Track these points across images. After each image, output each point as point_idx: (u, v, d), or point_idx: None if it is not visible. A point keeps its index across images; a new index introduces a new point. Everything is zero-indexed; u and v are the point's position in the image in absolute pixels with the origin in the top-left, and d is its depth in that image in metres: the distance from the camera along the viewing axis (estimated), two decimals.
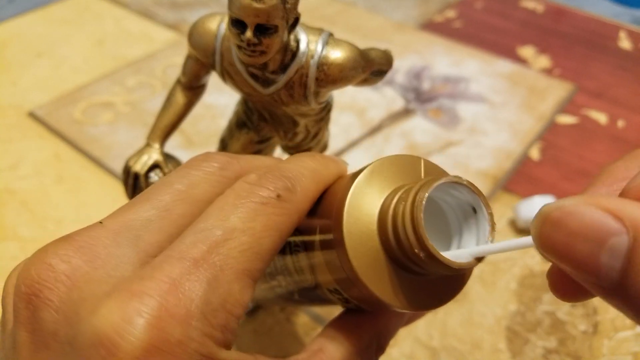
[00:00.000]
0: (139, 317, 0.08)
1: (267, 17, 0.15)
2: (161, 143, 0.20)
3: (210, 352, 0.09)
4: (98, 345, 0.08)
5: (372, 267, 0.10)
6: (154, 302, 0.09)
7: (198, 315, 0.09)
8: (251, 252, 0.10)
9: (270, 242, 0.10)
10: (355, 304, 0.12)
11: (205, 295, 0.09)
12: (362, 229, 0.10)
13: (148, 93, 0.41)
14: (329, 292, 0.12)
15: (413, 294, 0.10)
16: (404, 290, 0.10)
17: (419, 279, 0.11)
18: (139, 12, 0.52)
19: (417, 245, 0.10)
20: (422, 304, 0.10)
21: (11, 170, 0.34)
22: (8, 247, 0.29)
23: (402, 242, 0.10)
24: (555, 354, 0.25)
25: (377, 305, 0.11)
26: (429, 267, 0.10)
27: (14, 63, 0.44)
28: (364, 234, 0.10)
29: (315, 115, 0.21)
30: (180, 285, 0.09)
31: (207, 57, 0.19)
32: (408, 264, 0.10)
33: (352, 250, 0.10)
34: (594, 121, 0.40)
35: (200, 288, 0.09)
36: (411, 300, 0.10)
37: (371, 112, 0.39)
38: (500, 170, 0.34)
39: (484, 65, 0.44)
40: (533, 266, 0.29)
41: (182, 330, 0.08)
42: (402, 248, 0.10)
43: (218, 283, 0.09)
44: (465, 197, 0.11)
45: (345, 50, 0.18)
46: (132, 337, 0.08)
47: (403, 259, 0.10)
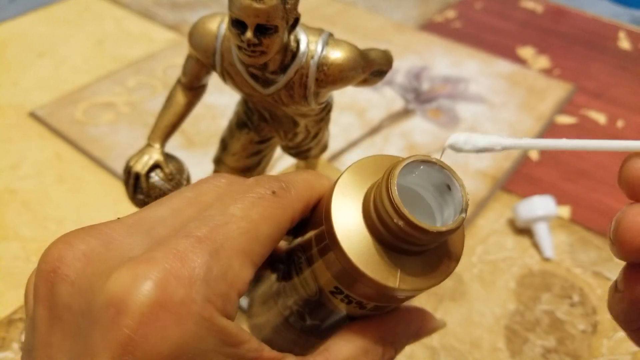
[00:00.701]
0: (146, 279, 0.09)
1: (267, 17, 0.15)
2: (162, 143, 0.20)
3: (211, 317, 0.10)
4: (108, 305, 0.09)
5: (364, 252, 0.11)
6: (160, 267, 0.09)
7: (200, 281, 0.10)
8: (249, 235, 0.11)
9: (267, 229, 0.11)
10: (356, 300, 0.12)
11: (208, 265, 0.10)
12: (350, 220, 0.11)
13: (148, 93, 0.41)
14: (332, 294, 0.12)
15: (405, 274, 0.11)
16: (395, 270, 0.11)
17: (412, 259, 0.11)
18: (140, 12, 0.52)
19: (395, 215, 0.10)
20: (416, 283, 0.11)
21: (12, 170, 0.34)
22: (9, 246, 0.29)
23: (384, 219, 0.11)
24: (555, 353, 0.25)
25: (373, 291, 0.11)
26: (412, 238, 0.11)
27: (14, 63, 0.45)
28: (352, 225, 0.11)
29: (315, 116, 0.21)
30: (185, 255, 0.10)
31: (207, 58, 0.19)
32: (396, 242, 0.11)
33: (343, 240, 0.11)
34: (593, 121, 0.40)
35: (203, 258, 0.10)
36: (404, 280, 0.11)
37: (371, 113, 0.39)
38: (500, 171, 0.34)
39: (483, 65, 0.45)
40: (532, 266, 0.29)
41: (185, 292, 0.09)
42: (385, 225, 0.11)
43: (219, 256, 0.10)
44: (438, 175, 0.11)
45: (345, 51, 0.18)
46: (139, 296, 0.09)
47: (390, 238, 0.11)
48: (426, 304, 0.27)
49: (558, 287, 0.28)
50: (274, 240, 0.11)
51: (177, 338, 0.09)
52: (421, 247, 0.11)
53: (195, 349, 0.09)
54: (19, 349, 0.24)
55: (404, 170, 0.11)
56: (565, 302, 0.27)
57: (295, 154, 0.24)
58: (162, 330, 0.09)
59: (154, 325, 0.09)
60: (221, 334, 0.10)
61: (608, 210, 0.32)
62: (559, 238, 0.31)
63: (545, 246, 0.29)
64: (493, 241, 0.30)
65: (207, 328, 0.09)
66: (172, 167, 0.20)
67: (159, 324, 0.09)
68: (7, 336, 0.25)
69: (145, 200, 0.20)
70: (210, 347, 0.10)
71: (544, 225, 0.29)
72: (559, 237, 0.31)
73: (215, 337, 0.10)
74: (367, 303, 0.12)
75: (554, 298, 0.27)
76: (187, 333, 0.09)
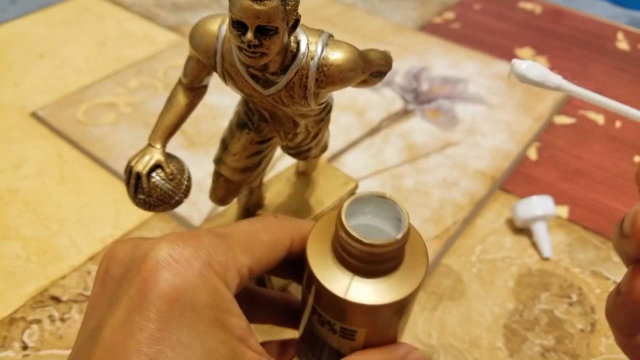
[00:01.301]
0: (166, 243, 0.12)
1: (267, 18, 0.15)
2: (163, 143, 0.20)
3: (209, 275, 0.12)
4: (138, 262, 0.12)
5: (326, 269, 0.13)
6: (176, 235, 0.13)
7: (205, 249, 0.12)
8: (250, 236, 0.14)
9: (266, 237, 0.14)
10: (326, 320, 0.14)
11: (214, 242, 0.13)
12: (319, 248, 0.14)
13: (150, 94, 0.41)
14: (312, 315, 0.14)
15: (360, 291, 0.13)
16: (347, 285, 0.13)
17: (373, 281, 0.13)
18: (141, 13, 0.52)
19: (343, 231, 0.12)
20: (365, 299, 0.13)
21: (14, 171, 0.35)
22: (11, 246, 0.29)
23: (340, 240, 0.13)
24: (553, 352, 0.25)
25: (333, 306, 0.13)
26: (359, 252, 0.12)
27: (16, 64, 0.45)
28: (320, 251, 0.14)
29: (316, 116, 0.21)
30: (198, 234, 0.13)
31: (208, 58, 0.19)
32: (355, 262, 0.13)
33: (312, 260, 0.13)
34: (591, 122, 0.40)
35: (212, 238, 0.13)
36: (355, 295, 0.13)
37: (370, 113, 0.39)
38: (498, 171, 0.35)
39: (482, 66, 0.45)
40: (531, 265, 0.29)
41: (191, 253, 0.12)
42: (342, 245, 0.13)
43: (224, 240, 0.13)
44: (388, 208, 0.14)
45: (345, 52, 0.18)
46: (157, 251, 0.12)
47: (348, 257, 0.13)
48: (426, 303, 0.27)
49: (557, 286, 0.28)
50: (273, 247, 0.14)
51: (178, 283, 0.11)
52: (371, 264, 0.13)
53: (190, 298, 0.11)
54: (20, 347, 0.24)
55: (357, 205, 0.13)
56: (564, 301, 0.27)
57: (295, 154, 0.25)
58: (168, 276, 0.11)
59: (163, 272, 0.12)
60: (214, 294, 0.12)
61: (606, 210, 0.33)
62: (557, 238, 0.31)
63: (543, 246, 0.29)
64: (492, 241, 0.30)
65: (203, 283, 0.12)
66: (173, 167, 0.20)
67: (167, 271, 0.12)
68: (9, 335, 0.25)
69: (146, 200, 0.20)
70: (203, 301, 0.12)
71: (543, 225, 0.30)
72: (558, 236, 0.31)
73: (208, 294, 0.12)
74: (334, 324, 0.13)
75: (552, 297, 0.27)
76: (186, 281, 0.12)
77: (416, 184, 0.34)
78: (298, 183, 0.28)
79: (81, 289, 0.27)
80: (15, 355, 0.24)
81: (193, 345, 0.11)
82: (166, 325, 0.11)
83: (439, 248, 0.29)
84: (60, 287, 0.27)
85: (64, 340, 0.25)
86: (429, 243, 0.30)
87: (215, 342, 0.11)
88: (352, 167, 0.35)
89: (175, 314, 0.11)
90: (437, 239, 0.30)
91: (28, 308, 0.26)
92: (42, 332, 0.25)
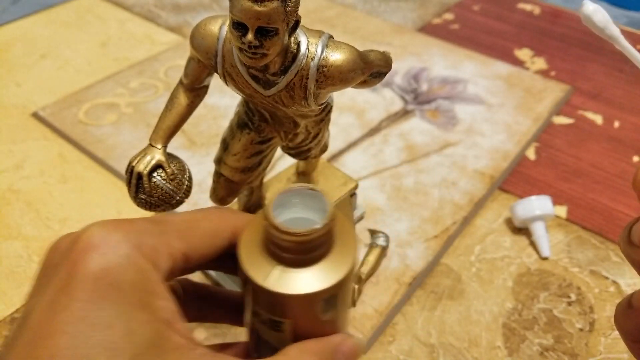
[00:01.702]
0: (97, 225, 0.13)
1: (268, 19, 0.16)
2: (164, 143, 0.20)
3: (136, 257, 0.12)
4: (71, 246, 0.12)
5: (254, 260, 0.13)
6: (110, 220, 0.13)
7: (136, 233, 0.13)
8: (187, 224, 0.14)
9: (206, 224, 0.14)
10: (255, 311, 0.14)
11: (146, 227, 0.13)
12: (252, 244, 0.14)
13: (151, 94, 0.41)
14: (246, 308, 0.14)
15: (282, 280, 0.13)
16: (268, 273, 0.13)
17: (298, 271, 0.13)
18: (142, 14, 0.52)
19: (266, 220, 0.13)
20: (288, 289, 0.13)
21: (16, 170, 0.35)
22: (13, 245, 0.30)
23: (265, 230, 0.13)
24: (552, 352, 0.25)
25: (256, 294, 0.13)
26: (281, 241, 0.13)
27: (18, 64, 0.45)
28: (252, 247, 0.14)
29: (316, 117, 0.22)
30: (136, 219, 0.13)
31: (209, 59, 0.19)
32: (279, 252, 0.13)
33: (241, 252, 0.14)
34: (589, 122, 0.40)
35: (148, 224, 0.13)
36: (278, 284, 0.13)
37: (370, 113, 0.40)
38: (497, 171, 0.35)
39: (481, 67, 0.45)
40: (530, 265, 0.29)
41: (121, 236, 0.12)
42: (266, 234, 0.13)
43: (158, 225, 0.13)
44: (322, 203, 0.14)
45: (345, 53, 0.18)
46: (88, 234, 0.12)
47: (272, 247, 0.13)
48: (425, 302, 0.27)
49: (555, 285, 0.28)
50: (212, 236, 0.14)
51: (103, 264, 0.12)
52: (295, 253, 0.13)
53: (115, 278, 0.12)
54: None
55: (286, 197, 0.13)
56: (563, 300, 0.27)
57: (296, 154, 0.25)
58: (95, 257, 0.12)
59: (91, 253, 0.12)
60: (141, 275, 0.12)
61: (605, 210, 0.33)
62: (556, 237, 0.31)
63: (542, 245, 0.30)
64: (491, 240, 0.31)
65: (130, 264, 0.12)
66: (174, 167, 0.20)
67: (95, 253, 0.12)
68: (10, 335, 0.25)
69: (147, 200, 0.20)
70: (129, 281, 0.12)
71: (541, 224, 0.30)
72: (556, 236, 0.31)
73: (134, 275, 0.12)
74: (262, 314, 0.13)
75: (551, 297, 0.27)
76: (112, 262, 0.12)
77: (416, 183, 0.34)
78: (298, 183, 0.28)
79: None
80: None
81: (114, 324, 0.11)
82: (89, 304, 0.11)
83: (439, 248, 0.29)
84: None
85: None
86: (429, 243, 0.30)
87: (138, 322, 0.11)
88: (352, 167, 0.35)
89: (100, 293, 0.11)
90: (436, 239, 0.30)
91: None
92: None
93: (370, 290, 0.27)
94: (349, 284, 0.14)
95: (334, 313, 0.14)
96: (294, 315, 0.13)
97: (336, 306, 0.14)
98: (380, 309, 0.26)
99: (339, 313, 0.14)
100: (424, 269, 0.28)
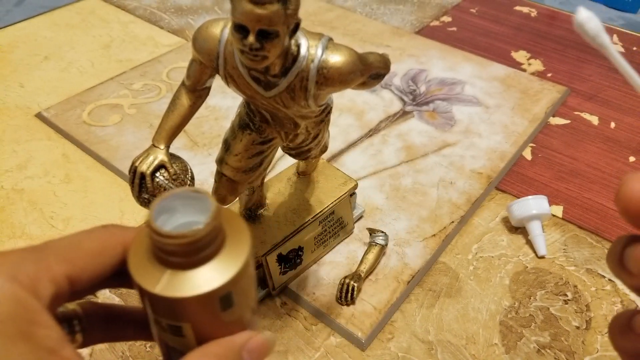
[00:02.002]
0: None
1: (268, 22, 0.16)
2: (166, 144, 0.21)
3: (12, 288, 0.12)
4: None
5: (142, 267, 0.13)
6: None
7: (11, 264, 0.12)
8: (70, 246, 0.14)
9: (89, 243, 0.14)
10: (154, 319, 0.14)
11: (22, 256, 0.13)
12: (141, 253, 0.14)
13: (154, 95, 0.41)
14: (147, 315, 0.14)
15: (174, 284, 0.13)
16: (159, 279, 0.13)
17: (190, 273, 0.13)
18: (145, 17, 0.53)
19: (147, 225, 0.13)
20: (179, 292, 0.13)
21: (19, 170, 0.35)
22: (17, 244, 0.30)
23: (152, 240, 0.13)
24: (549, 349, 0.25)
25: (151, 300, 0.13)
26: (165, 245, 0.13)
27: (21, 65, 0.45)
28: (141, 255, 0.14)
29: (316, 117, 0.22)
30: (9, 250, 0.13)
31: (210, 61, 0.19)
32: (165, 256, 0.13)
33: (130, 262, 0.14)
34: (586, 123, 0.40)
35: (23, 253, 0.13)
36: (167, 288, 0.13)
37: (369, 114, 0.40)
38: (494, 171, 0.35)
39: (478, 68, 0.45)
40: (526, 263, 0.30)
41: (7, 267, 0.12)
42: (151, 240, 0.13)
43: (36, 253, 0.13)
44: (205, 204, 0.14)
45: (345, 54, 0.18)
46: None
47: (158, 251, 0.13)
48: (423, 300, 0.27)
49: (552, 284, 0.28)
50: (98, 254, 0.14)
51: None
52: (181, 256, 0.13)
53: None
54: None
55: (171, 202, 0.13)
56: (559, 298, 0.28)
57: (296, 154, 0.25)
58: None
59: None
60: (18, 305, 0.12)
61: (600, 209, 0.33)
62: (552, 236, 0.31)
63: (539, 244, 0.30)
64: (488, 239, 0.31)
65: (5, 296, 0.12)
66: (177, 168, 0.21)
67: None
68: None
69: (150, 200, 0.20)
70: (5, 314, 0.11)
71: (538, 224, 0.30)
72: (553, 235, 0.31)
73: (11, 306, 0.12)
74: (160, 321, 0.13)
75: (548, 295, 0.28)
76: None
77: (414, 183, 0.34)
78: (298, 183, 0.29)
79: None
80: None
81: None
82: None
83: (436, 247, 0.30)
84: None
85: None
86: (427, 242, 0.30)
87: (18, 354, 0.11)
88: (352, 167, 0.35)
89: None
90: (434, 238, 0.30)
91: None
92: None
93: (369, 288, 0.27)
94: (246, 280, 0.13)
95: (235, 311, 0.14)
96: (191, 319, 0.13)
97: (235, 304, 0.13)
98: (379, 306, 0.26)
99: (242, 311, 0.14)
100: (422, 268, 0.28)
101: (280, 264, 0.26)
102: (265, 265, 0.26)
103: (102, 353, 0.24)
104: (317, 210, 0.27)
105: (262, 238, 0.26)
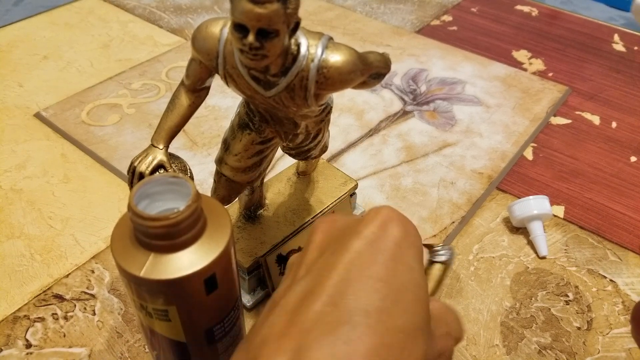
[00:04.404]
0: None
1: (268, 21, 0.16)
2: (166, 144, 0.20)
3: None
4: None
5: (126, 253, 0.13)
6: None
7: None
8: None
9: None
10: (140, 304, 0.14)
11: None
12: (124, 239, 0.14)
13: (153, 95, 0.41)
14: (134, 303, 0.14)
15: (158, 269, 0.13)
16: (143, 264, 0.13)
17: (173, 257, 0.13)
18: (144, 16, 0.52)
19: (129, 209, 0.13)
20: (162, 274, 0.13)
21: (18, 170, 0.35)
22: (15, 244, 0.30)
23: (135, 224, 0.13)
24: (550, 350, 0.25)
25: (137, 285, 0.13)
26: (146, 228, 0.13)
27: (20, 65, 0.45)
28: (124, 241, 0.14)
29: (316, 117, 0.22)
30: None
31: (210, 61, 0.19)
32: (148, 240, 0.13)
33: (115, 252, 0.14)
34: (587, 122, 0.40)
35: None
36: (151, 272, 0.13)
37: (370, 114, 0.40)
38: (495, 171, 0.35)
39: (479, 68, 0.45)
40: (527, 264, 0.29)
41: None
42: (133, 224, 0.13)
43: None
44: (185, 189, 0.14)
45: (345, 54, 0.18)
46: None
47: (141, 236, 0.13)
48: None
49: (553, 284, 0.28)
50: None
51: None
52: (163, 239, 0.13)
53: None
54: (23, 346, 0.25)
55: (152, 187, 0.13)
56: (561, 299, 0.27)
57: (296, 154, 0.25)
58: None
59: None
60: None
61: (602, 210, 0.33)
62: (553, 237, 0.31)
63: (540, 245, 0.30)
64: (489, 240, 0.31)
65: None
66: (176, 167, 0.21)
67: None
68: (12, 333, 0.25)
69: None
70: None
71: (539, 224, 0.30)
72: (554, 235, 0.31)
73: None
74: (146, 306, 0.13)
75: (549, 295, 0.28)
76: None
77: (414, 183, 0.34)
78: (298, 183, 0.28)
79: (84, 287, 0.27)
80: (18, 354, 0.24)
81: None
82: None
83: None
84: (64, 286, 0.27)
85: (67, 339, 0.25)
86: (427, 242, 0.30)
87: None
88: (352, 167, 0.35)
89: None
90: (435, 238, 0.30)
91: (32, 306, 0.26)
92: (45, 330, 0.25)
93: None
94: (228, 262, 0.14)
95: (220, 293, 0.14)
96: (177, 301, 0.13)
97: (219, 285, 0.13)
98: None
99: (227, 292, 0.14)
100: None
101: (280, 264, 0.26)
102: (265, 266, 0.25)
103: (102, 354, 0.24)
104: (317, 210, 0.27)
105: (261, 238, 0.26)
